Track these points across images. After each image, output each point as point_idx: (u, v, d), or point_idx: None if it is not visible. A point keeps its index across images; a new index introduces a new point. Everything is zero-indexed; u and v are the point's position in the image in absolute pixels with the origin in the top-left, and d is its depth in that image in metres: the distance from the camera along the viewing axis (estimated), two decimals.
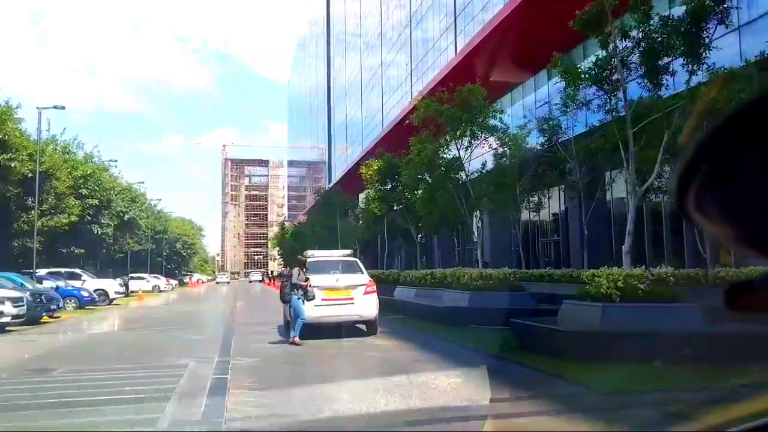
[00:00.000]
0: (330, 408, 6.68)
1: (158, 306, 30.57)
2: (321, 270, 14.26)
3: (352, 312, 13.18)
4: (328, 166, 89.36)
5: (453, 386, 7.69)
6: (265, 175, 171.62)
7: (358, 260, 15.06)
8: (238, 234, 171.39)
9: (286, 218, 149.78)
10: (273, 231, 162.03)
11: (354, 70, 72.63)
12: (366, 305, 13.27)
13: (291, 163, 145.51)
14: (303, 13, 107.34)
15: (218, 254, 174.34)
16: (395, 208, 22.38)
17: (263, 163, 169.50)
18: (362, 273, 14.01)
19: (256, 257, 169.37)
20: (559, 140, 19.86)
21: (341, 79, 79.40)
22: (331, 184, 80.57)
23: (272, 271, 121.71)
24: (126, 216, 41.93)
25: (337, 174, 76.87)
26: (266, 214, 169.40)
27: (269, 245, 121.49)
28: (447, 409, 6.26)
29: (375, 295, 13.58)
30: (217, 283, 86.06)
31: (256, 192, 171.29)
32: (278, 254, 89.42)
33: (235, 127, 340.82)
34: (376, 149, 25.80)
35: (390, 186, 22.55)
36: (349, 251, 15.27)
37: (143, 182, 46.29)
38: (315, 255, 15.12)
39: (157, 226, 61.79)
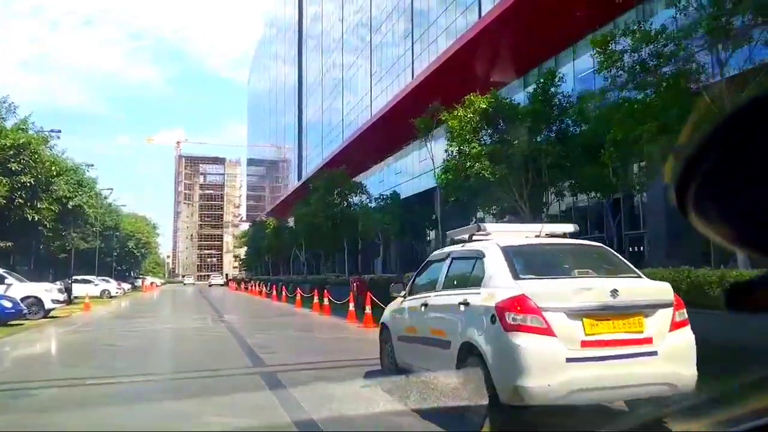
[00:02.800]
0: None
1: (113, 321, 21.62)
2: (548, 267, 6.12)
3: (653, 374, 5.13)
4: (298, 162, 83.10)
5: None
6: (221, 174, 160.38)
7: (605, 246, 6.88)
8: (191, 235, 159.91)
9: (243, 219, 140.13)
10: (229, 232, 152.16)
11: (329, 62, 67.95)
12: (678, 355, 5.26)
13: (250, 162, 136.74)
14: (264, 12, 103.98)
15: (168, 256, 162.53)
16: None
17: (219, 160, 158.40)
18: (637, 274, 5.95)
19: (209, 260, 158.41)
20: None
21: (314, 74, 74.42)
22: (302, 180, 73.52)
23: (227, 274, 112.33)
24: (70, 203, 32.48)
25: (310, 170, 70.64)
26: (221, 215, 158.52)
27: (232, 245, 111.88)
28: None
29: (689, 329, 5.48)
30: (184, 284, 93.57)
31: (211, 191, 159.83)
32: (245, 255, 79.76)
33: (190, 128, 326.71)
34: (429, 110, 17.69)
35: (491, 138, 14.40)
36: (571, 227, 6.95)
37: (93, 165, 36.56)
38: (503, 230, 6.90)
39: (108, 221, 52.03)
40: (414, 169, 46.93)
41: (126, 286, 51.36)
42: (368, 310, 16.04)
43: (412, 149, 48.07)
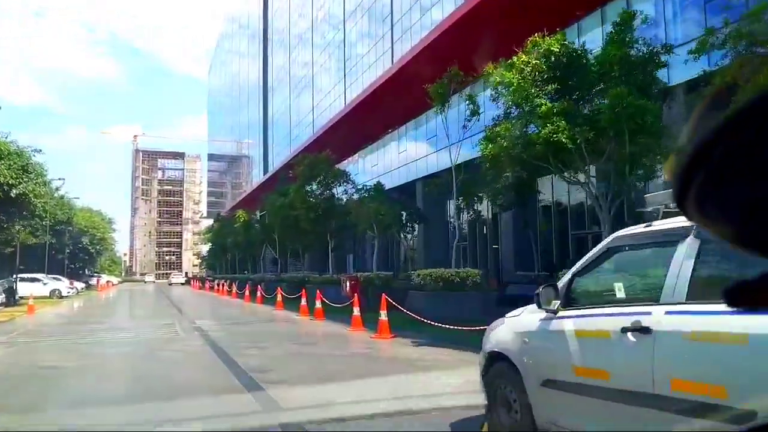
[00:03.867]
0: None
1: (61, 329, 17.68)
2: None
3: None
4: (264, 156, 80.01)
5: None
6: (181, 169, 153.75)
7: None
8: (149, 232, 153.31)
9: (203, 215, 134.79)
10: (189, 229, 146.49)
11: (297, 52, 65.93)
12: None
13: (211, 157, 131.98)
14: (226, 6, 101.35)
15: (125, 254, 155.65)
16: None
17: (178, 155, 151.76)
18: None
19: (168, 258, 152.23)
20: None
21: (280, 66, 71.78)
22: (268, 175, 70.07)
23: (186, 273, 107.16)
24: (13, 191, 28.16)
25: (277, 163, 67.33)
26: (181, 212, 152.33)
27: (192, 242, 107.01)
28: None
29: None
30: (145, 282, 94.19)
31: (170, 187, 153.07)
32: (207, 252, 75.04)
33: (148, 123, 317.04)
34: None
35: (551, 95, 10.99)
36: None
37: (41, 150, 32.03)
38: None
39: (59, 214, 47.29)
40: (392, 162, 43.86)
41: (79, 285, 46.87)
42: (383, 316, 12.69)
43: (390, 140, 45.00)
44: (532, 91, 10.90)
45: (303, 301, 19.13)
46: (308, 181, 26.78)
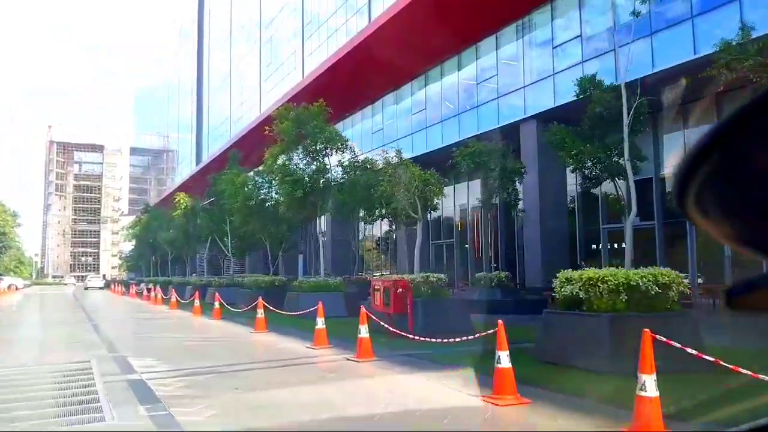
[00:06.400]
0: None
1: None
2: None
3: None
4: (197, 143, 71.55)
5: None
6: (100, 163, 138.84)
7: None
8: (63, 231, 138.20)
9: (124, 213, 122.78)
10: (108, 228, 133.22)
11: (240, 25, 58.24)
12: None
13: (134, 151, 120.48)
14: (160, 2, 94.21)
15: (36, 254, 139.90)
16: None
17: (97, 148, 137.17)
18: None
19: (84, 258, 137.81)
20: None
21: (216, 61, 66.40)
22: (201, 165, 60.98)
23: (104, 275, 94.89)
24: None
25: (212, 152, 58.90)
26: (99, 209, 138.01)
27: (111, 243, 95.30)
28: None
29: None
30: (65, 284, 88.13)
31: (88, 182, 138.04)
32: (131, 251, 64.25)
33: (65, 112, 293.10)
34: None
35: None
36: None
37: None
38: None
39: None
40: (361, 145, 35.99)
41: None
42: (651, 381, 4.87)
43: (361, 118, 37.14)
44: None
45: (320, 323, 10.98)
46: (293, 145, 18.29)
